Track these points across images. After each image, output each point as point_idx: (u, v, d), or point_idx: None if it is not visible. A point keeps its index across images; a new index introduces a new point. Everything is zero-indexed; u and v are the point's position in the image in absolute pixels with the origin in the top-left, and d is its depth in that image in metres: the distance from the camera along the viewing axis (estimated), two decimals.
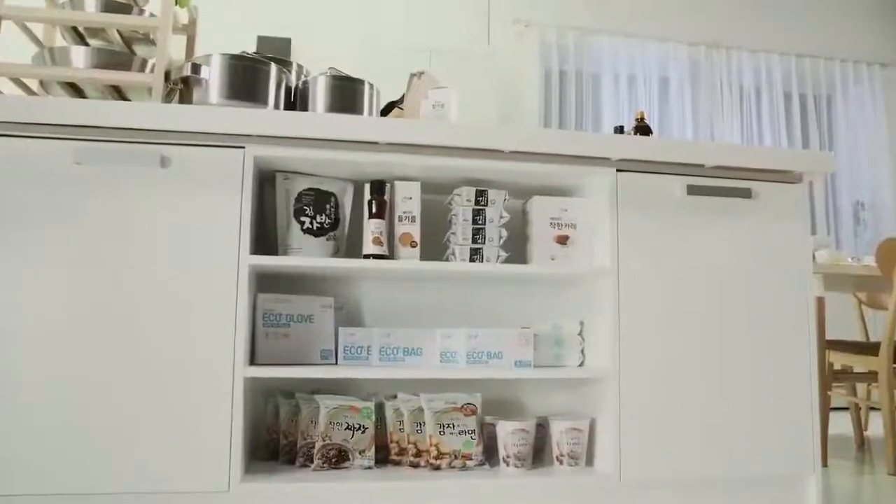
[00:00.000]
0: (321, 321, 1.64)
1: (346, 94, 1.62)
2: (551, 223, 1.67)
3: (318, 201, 1.60)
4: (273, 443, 1.65)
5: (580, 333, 1.73)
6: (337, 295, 1.75)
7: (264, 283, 1.71)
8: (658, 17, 5.03)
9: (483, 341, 1.55)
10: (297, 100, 1.64)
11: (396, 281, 1.78)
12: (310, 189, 1.60)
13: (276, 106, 1.58)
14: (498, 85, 4.55)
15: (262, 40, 4.25)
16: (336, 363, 1.64)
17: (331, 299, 1.67)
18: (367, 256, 1.55)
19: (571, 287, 1.84)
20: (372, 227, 1.56)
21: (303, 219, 1.58)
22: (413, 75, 1.99)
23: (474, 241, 1.61)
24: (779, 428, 1.62)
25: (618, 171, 1.62)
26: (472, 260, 1.61)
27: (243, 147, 1.47)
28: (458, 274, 1.63)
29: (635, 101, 4.96)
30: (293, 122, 1.44)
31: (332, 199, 1.62)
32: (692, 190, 1.63)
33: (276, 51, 3.78)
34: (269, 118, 1.44)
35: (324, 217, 1.60)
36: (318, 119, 1.45)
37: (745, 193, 1.66)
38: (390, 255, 1.59)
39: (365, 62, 4.02)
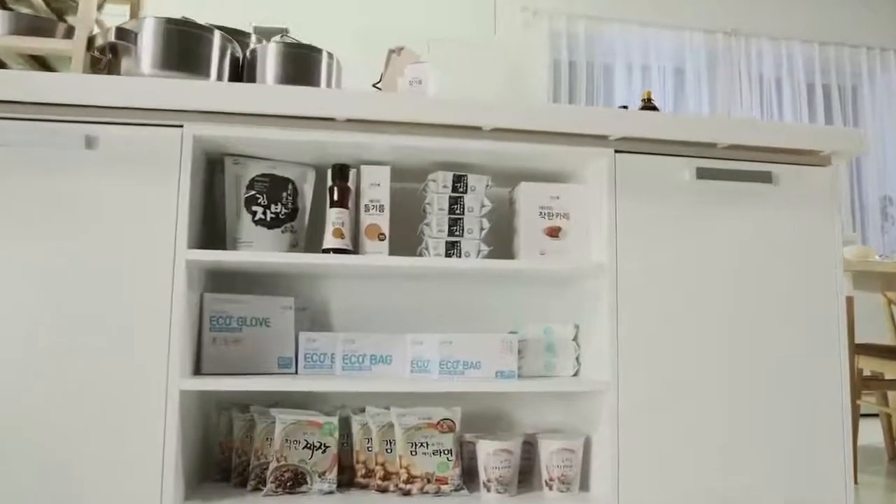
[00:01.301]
0: (279, 325, 1.45)
1: (300, 63, 1.42)
2: (541, 213, 1.46)
3: (272, 189, 1.41)
4: (226, 462, 1.46)
5: (575, 339, 1.52)
6: (300, 295, 1.55)
7: (219, 282, 1.52)
8: (672, 4, 4.79)
9: (459, 348, 1.34)
10: (244, 72, 1.45)
11: (367, 279, 1.58)
12: (263, 175, 1.41)
13: (220, 78, 1.39)
14: (504, 76, 4.36)
15: (257, 31, 4.09)
16: (296, 372, 1.45)
17: (291, 300, 1.47)
18: (326, 251, 1.35)
19: (565, 286, 1.63)
20: (333, 218, 1.36)
21: (255, 208, 1.39)
22: (392, 51, 1.80)
23: (451, 233, 1.41)
24: (804, 445, 1.40)
25: (616, 151, 1.40)
26: (448, 255, 1.40)
27: (181, 126, 1.28)
28: (434, 271, 1.43)
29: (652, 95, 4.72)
30: (235, 95, 1.25)
31: (290, 186, 1.43)
32: (703, 173, 1.41)
33: None
34: (207, 91, 1.25)
35: (279, 206, 1.41)
36: (264, 91, 1.26)
37: (765, 178, 1.44)
38: (354, 250, 1.39)
39: (366, 52, 3.84)
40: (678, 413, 1.36)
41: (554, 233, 1.46)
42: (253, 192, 1.39)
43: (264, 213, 1.39)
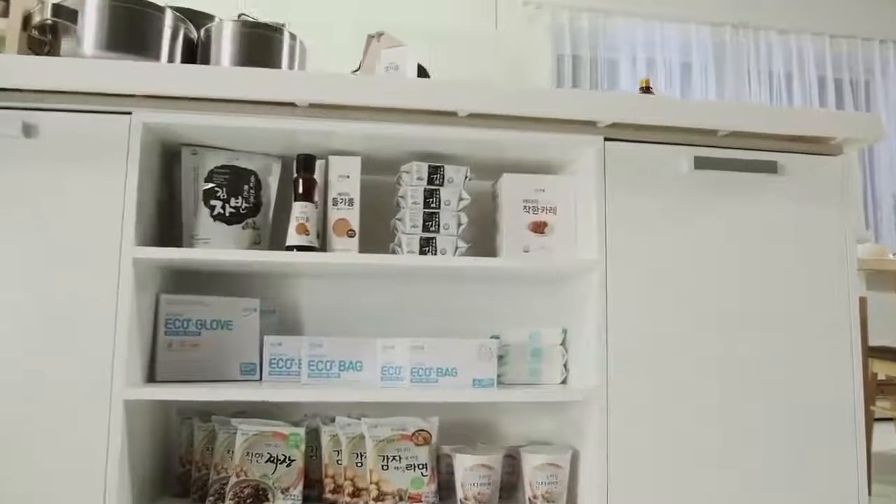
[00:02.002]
0: (242, 328, 1.34)
1: (259, 44, 1.31)
2: (525, 207, 1.35)
3: (233, 181, 1.30)
4: (186, 476, 1.35)
5: (563, 343, 1.41)
6: (268, 297, 1.44)
7: (183, 283, 1.41)
8: None
9: (431, 354, 1.23)
10: (198, 54, 1.34)
11: (337, 279, 1.47)
12: (224, 167, 1.30)
13: (171, 61, 1.28)
14: (506, 72, 4.25)
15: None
16: (260, 379, 1.34)
17: (256, 301, 1.37)
18: (289, 248, 1.25)
19: (552, 287, 1.51)
20: (297, 213, 1.25)
21: (213, 203, 1.28)
22: (371, 37, 1.70)
23: (426, 228, 1.30)
24: (814, 454, 1.28)
25: (606, 139, 1.29)
26: (422, 252, 1.29)
27: (129, 112, 1.17)
28: (408, 269, 1.32)
29: (655, 87, 4.60)
30: (184, 78, 1.14)
31: (252, 178, 1.32)
32: (701, 163, 1.30)
33: None
34: (154, 73, 1.14)
35: (240, 200, 1.30)
36: (216, 73, 1.15)
37: (770, 167, 1.32)
38: (321, 247, 1.28)
39: (363, 46, 3.76)
40: (674, 424, 1.24)
41: (539, 228, 1.35)
42: (212, 185, 1.29)
43: (223, 207, 1.28)
